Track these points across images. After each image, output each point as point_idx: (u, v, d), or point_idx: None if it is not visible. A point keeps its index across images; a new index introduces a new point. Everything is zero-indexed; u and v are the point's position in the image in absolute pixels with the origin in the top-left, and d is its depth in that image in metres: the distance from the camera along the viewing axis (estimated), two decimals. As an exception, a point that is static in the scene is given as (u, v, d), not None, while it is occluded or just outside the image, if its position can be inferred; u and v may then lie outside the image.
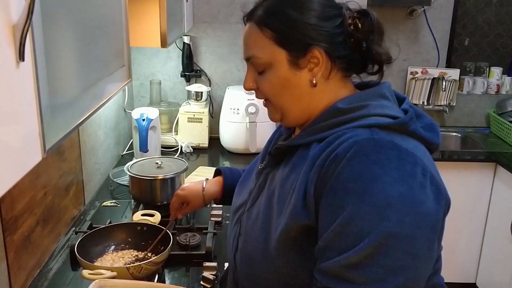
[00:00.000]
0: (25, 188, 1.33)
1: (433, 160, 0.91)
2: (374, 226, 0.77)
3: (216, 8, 2.63)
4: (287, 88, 0.93)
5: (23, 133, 0.62)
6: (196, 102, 2.52)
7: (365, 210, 0.77)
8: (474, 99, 3.02)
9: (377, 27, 0.93)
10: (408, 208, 0.78)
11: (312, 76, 0.91)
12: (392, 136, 0.84)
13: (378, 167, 0.79)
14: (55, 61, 0.72)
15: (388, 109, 0.90)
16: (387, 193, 0.77)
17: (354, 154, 0.80)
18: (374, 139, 0.82)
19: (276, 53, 0.91)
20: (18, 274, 1.29)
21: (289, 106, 0.95)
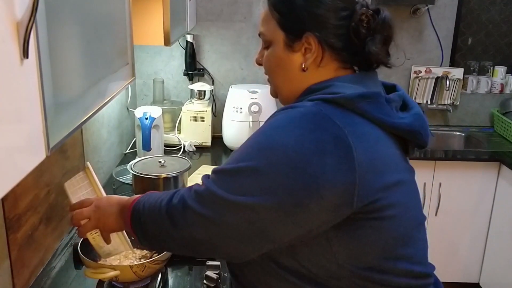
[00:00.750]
0: (29, 186, 1.33)
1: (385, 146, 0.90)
2: (249, 157, 0.85)
3: (219, 7, 2.63)
4: (280, 67, 1.00)
5: (27, 131, 0.62)
6: (199, 101, 2.52)
7: (251, 143, 0.88)
8: (478, 98, 3.01)
9: (384, 29, 0.95)
10: (285, 159, 0.82)
11: (304, 61, 0.96)
12: (330, 109, 0.87)
13: (288, 121, 0.86)
14: (59, 58, 0.71)
15: (350, 89, 0.91)
16: (276, 139, 0.84)
17: (282, 113, 0.88)
18: (306, 106, 0.87)
19: (276, 33, 0.99)
20: (21, 272, 1.29)
21: (280, 84, 1.03)
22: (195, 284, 1.37)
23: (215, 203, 0.86)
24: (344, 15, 0.93)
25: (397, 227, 0.90)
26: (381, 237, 0.88)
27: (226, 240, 0.88)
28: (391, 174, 0.89)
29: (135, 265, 1.21)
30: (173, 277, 1.42)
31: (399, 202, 0.89)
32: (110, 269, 1.18)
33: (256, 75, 2.70)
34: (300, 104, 0.89)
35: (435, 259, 3.04)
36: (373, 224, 0.87)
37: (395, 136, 0.94)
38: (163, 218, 0.92)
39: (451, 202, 2.66)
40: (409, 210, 0.93)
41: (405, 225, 0.91)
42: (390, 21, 0.96)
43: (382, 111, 0.90)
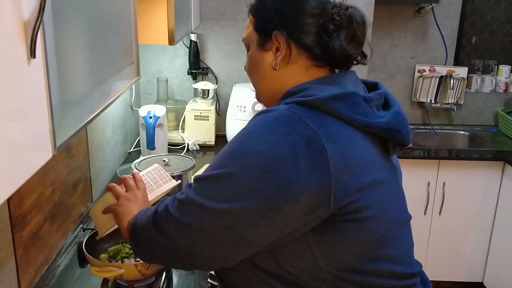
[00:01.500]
0: (34, 185, 1.34)
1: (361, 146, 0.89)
2: (224, 163, 0.86)
3: (223, 6, 2.63)
4: (254, 66, 1.04)
5: (33, 130, 0.62)
6: (203, 100, 2.52)
7: (226, 151, 0.88)
8: (482, 97, 3.00)
9: (350, 25, 0.95)
10: (259, 164, 0.83)
11: (274, 59, 0.99)
12: (303, 112, 0.87)
13: (261, 126, 0.86)
14: (66, 58, 0.72)
15: (325, 91, 0.91)
16: (249, 145, 0.85)
17: (257, 118, 0.89)
18: (279, 109, 0.88)
19: (252, 36, 1.04)
20: (26, 270, 1.30)
21: (257, 84, 1.06)
22: (199, 282, 1.38)
23: (194, 210, 0.88)
24: (314, 13, 0.96)
25: (376, 227, 0.89)
26: (360, 238, 0.88)
27: (207, 247, 0.89)
28: (367, 174, 0.88)
29: (139, 264, 1.21)
30: (178, 275, 1.42)
31: (376, 202, 0.89)
32: (115, 268, 1.19)
33: (260, 74, 2.70)
34: (274, 108, 0.90)
35: (439, 258, 3.05)
36: (351, 226, 0.86)
37: (373, 135, 0.92)
38: (150, 226, 0.95)
39: (455, 202, 2.66)
40: (388, 210, 0.92)
41: (384, 225, 0.91)
42: (357, 18, 0.96)
43: (358, 111, 0.89)
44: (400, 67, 2.90)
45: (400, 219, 0.97)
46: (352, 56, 0.98)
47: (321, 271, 0.88)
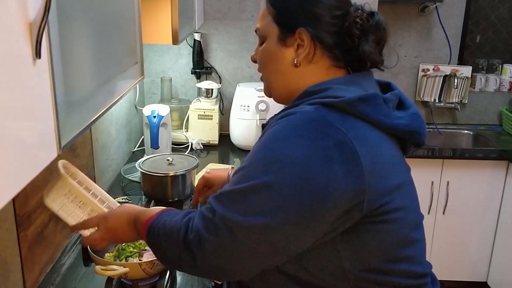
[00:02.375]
0: (39, 184, 1.34)
1: (386, 148, 0.90)
2: (258, 173, 0.83)
3: (227, 5, 2.63)
4: (271, 61, 1.01)
5: (39, 130, 0.63)
6: (207, 99, 2.53)
7: (257, 159, 0.86)
8: (487, 97, 2.99)
9: (377, 31, 0.96)
10: (295, 171, 0.81)
11: (296, 56, 0.97)
12: (331, 114, 0.86)
13: (291, 131, 0.84)
14: (71, 58, 0.72)
15: (347, 92, 0.91)
16: (282, 152, 0.83)
17: (282, 121, 0.87)
18: (306, 112, 0.87)
19: (271, 27, 1.00)
20: (31, 269, 1.31)
21: (272, 79, 1.03)
22: (203, 281, 1.38)
23: (229, 229, 0.83)
24: (338, 14, 0.95)
25: (400, 229, 0.90)
26: (385, 239, 0.88)
27: (246, 262, 0.86)
28: (394, 177, 0.89)
29: (144, 262, 1.21)
30: (181, 274, 1.43)
31: (402, 204, 0.90)
32: (119, 266, 1.19)
33: (263, 73, 2.70)
34: (299, 110, 0.88)
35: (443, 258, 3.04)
36: (379, 227, 0.87)
37: (393, 137, 0.94)
38: (181, 249, 0.89)
39: (459, 201, 2.65)
40: (410, 212, 0.94)
41: (406, 227, 0.92)
42: (383, 24, 0.97)
43: (381, 113, 0.90)
44: (404, 66, 2.89)
45: (417, 220, 0.98)
46: (377, 61, 0.98)
47: (345, 272, 0.88)
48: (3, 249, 1.16)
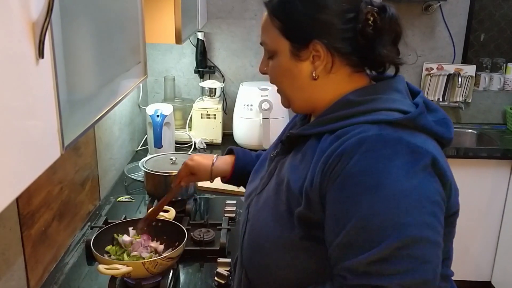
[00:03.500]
0: (42, 183, 1.35)
1: (444, 156, 0.91)
2: (396, 221, 0.78)
3: (230, 4, 2.63)
4: (287, 77, 0.96)
5: (42, 130, 0.63)
6: (210, 98, 2.53)
7: (381, 205, 0.79)
8: (491, 96, 2.98)
9: (392, 27, 0.91)
10: (422, 199, 0.80)
11: (313, 69, 0.93)
12: (400, 132, 0.85)
13: (386, 161, 0.80)
14: (73, 58, 0.72)
15: (398, 103, 0.90)
16: (400, 186, 0.79)
17: (361, 149, 0.82)
18: (381, 134, 0.83)
19: (280, 42, 0.94)
20: (35, 268, 1.31)
21: (291, 94, 0.99)
22: (206, 281, 1.38)
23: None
24: (349, 18, 0.89)
25: (454, 233, 0.96)
26: (448, 243, 0.94)
27: None
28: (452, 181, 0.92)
29: (147, 262, 1.22)
30: (185, 273, 1.43)
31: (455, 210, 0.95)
32: (123, 266, 1.20)
33: (266, 73, 2.70)
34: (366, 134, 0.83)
35: (447, 257, 2.95)
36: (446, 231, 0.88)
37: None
38: None
39: (462, 200, 2.62)
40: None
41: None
42: (397, 18, 0.92)
43: (431, 122, 0.90)
44: (408, 65, 2.88)
45: None
46: (396, 62, 0.94)
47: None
48: (7, 248, 1.16)
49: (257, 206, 1.02)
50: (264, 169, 1.10)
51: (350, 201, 0.81)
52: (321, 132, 0.92)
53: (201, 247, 1.51)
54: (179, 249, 1.28)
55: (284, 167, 0.98)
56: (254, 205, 1.04)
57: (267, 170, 1.06)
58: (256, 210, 1.02)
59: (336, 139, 0.87)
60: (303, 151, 0.95)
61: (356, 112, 0.89)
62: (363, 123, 0.87)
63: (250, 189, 1.12)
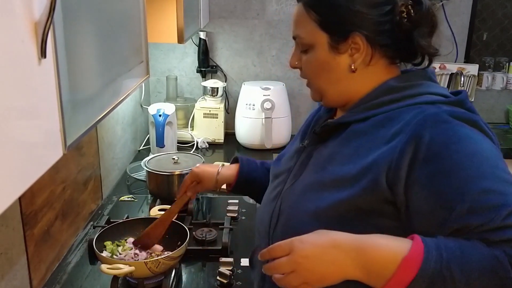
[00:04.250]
0: (45, 183, 1.35)
1: None
2: (498, 175, 0.80)
3: (232, 4, 2.63)
4: (325, 70, 0.96)
5: (44, 129, 0.63)
6: (212, 98, 2.53)
7: (486, 165, 0.80)
8: (493, 95, 2.97)
9: (428, 18, 0.93)
10: (498, 156, 0.85)
11: (352, 62, 0.93)
12: (457, 109, 0.88)
13: (462, 128, 0.83)
14: (76, 57, 0.72)
15: (438, 88, 0.93)
16: (488, 148, 0.84)
17: (438, 122, 0.83)
18: (446, 110, 0.85)
19: (318, 35, 0.94)
20: (38, 267, 1.31)
21: (327, 88, 0.98)
22: (209, 280, 1.38)
23: None
24: (387, 10, 0.91)
25: None
26: None
27: None
28: None
29: (149, 261, 1.22)
30: (187, 273, 1.43)
31: None
32: (125, 265, 1.20)
33: (269, 72, 2.70)
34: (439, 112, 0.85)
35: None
36: None
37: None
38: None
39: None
40: None
41: None
42: (433, 9, 0.94)
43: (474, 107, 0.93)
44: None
45: None
46: (433, 53, 0.96)
47: None
48: (10, 248, 1.16)
49: (293, 197, 0.99)
50: (289, 161, 1.07)
51: (454, 171, 0.79)
52: (366, 118, 0.93)
53: (203, 246, 1.51)
54: (182, 248, 1.28)
55: (324, 156, 0.97)
56: (288, 197, 0.99)
57: (297, 162, 1.04)
58: (292, 201, 0.98)
59: (394, 122, 0.88)
60: (344, 138, 0.95)
61: (401, 96, 0.91)
62: (417, 104, 0.89)
63: (275, 183, 1.08)
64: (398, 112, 0.89)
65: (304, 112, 2.75)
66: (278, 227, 0.99)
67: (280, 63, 2.68)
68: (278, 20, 2.64)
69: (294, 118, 2.59)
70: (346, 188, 0.88)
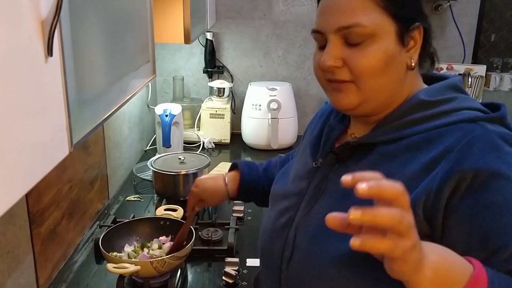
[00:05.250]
0: (52, 182, 1.36)
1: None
2: None
3: (239, 4, 2.63)
4: (389, 65, 0.81)
5: (51, 127, 0.63)
6: (218, 98, 2.53)
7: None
8: (501, 96, 2.95)
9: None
10: None
11: (409, 58, 0.83)
12: (500, 128, 0.79)
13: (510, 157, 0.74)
14: (82, 56, 0.72)
15: (473, 102, 0.84)
16: None
17: (487, 149, 0.73)
18: (493, 131, 0.77)
19: (385, 23, 0.80)
20: (44, 266, 1.32)
21: (381, 88, 0.82)
22: (214, 280, 1.38)
23: None
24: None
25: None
26: None
27: None
28: None
29: (155, 261, 1.22)
30: (192, 273, 1.43)
31: None
32: (131, 264, 1.20)
33: (275, 72, 2.70)
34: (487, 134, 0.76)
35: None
36: None
37: None
38: None
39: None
40: None
41: None
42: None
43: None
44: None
45: None
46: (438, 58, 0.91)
47: None
48: (16, 246, 1.17)
49: (309, 229, 0.86)
50: (300, 181, 0.95)
51: (501, 208, 0.71)
52: (396, 139, 0.82)
53: (209, 246, 1.51)
54: (187, 248, 1.29)
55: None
56: (303, 229, 0.87)
57: (310, 184, 0.91)
58: (310, 235, 0.85)
59: (428, 144, 0.78)
60: (370, 160, 0.83)
61: (435, 113, 0.81)
62: (456, 122, 0.79)
63: (283, 207, 0.95)
64: (437, 133, 0.79)
65: (310, 113, 2.75)
66: (293, 262, 0.87)
67: (286, 63, 2.68)
68: (284, 21, 2.64)
69: (300, 118, 2.59)
70: None
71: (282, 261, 0.89)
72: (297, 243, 0.87)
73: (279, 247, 0.90)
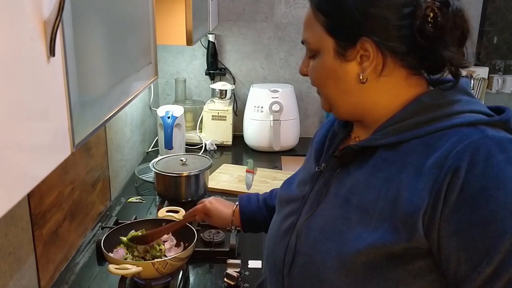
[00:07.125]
0: (54, 183, 1.36)
1: None
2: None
3: (241, 6, 2.63)
4: (332, 79, 0.85)
5: (53, 128, 0.63)
6: (221, 100, 2.53)
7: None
8: (504, 98, 2.95)
9: (456, 24, 0.79)
10: None
11: (361, 71, 0.82)
12: (502, 132, 0.77)
13: (510, 167, 0.71)
14: (84, 57, 0.73)
15: (478, 105, 0.82)
16: None
17: (479, 157, 0.71)
18: (490, 137, 0.74)
19: (324, 40, 0.84)
20: (46, 268, 1.32)
21: (335, 98, 0.87)
22: (216, 282, 1.38)
23: None
24: (406, 13, 0.78)
25: None
26: None
27: None
28: None
29: (157, 262, 1.22)
30: (194, 274, 1.43)
31: None
32: (133, 266, 1.20)
33: (277, 75, 2.70)
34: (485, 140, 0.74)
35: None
36: None
37: None
38: None
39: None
40: None
41: None
42: (463, 12, 0.80)
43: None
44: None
45: None
46: (462, 64, 0.82)
47: None
48: (18, 247, 1.17)
49: (311, 232, 0.86)
50: (303, 186, 0.95)
51: (486, 223, 0.70)
52: (396, 143, 0.81)
53: (211, 248, 1.51)
54: (189, 250, 1.29)
55: (346, 186, 0.85)
56: (304, 233, 0.87)
57: (313, 189, 0.92)
58: (311, 240, 0.86)
59: (432, 149, 0.76)
60: (371, 165, 0.83)
61: (437, 116, 0.79)
62: (455, 126, 0.77)
63: (286, 212, 0.96)
64: (434, 137, 0.77)
65: (312, 115, 2.75)
66: (295, 267, 0.87)
67: (288, 65, 2.68)
68: (286, 23, 2.64)
69: (302, 121, 2.59)
70: (377, 229, 0.77)
71: (284, 265, 0.89)
72: (298, 248, 0.87)
73: (281, 252, 0.90)
